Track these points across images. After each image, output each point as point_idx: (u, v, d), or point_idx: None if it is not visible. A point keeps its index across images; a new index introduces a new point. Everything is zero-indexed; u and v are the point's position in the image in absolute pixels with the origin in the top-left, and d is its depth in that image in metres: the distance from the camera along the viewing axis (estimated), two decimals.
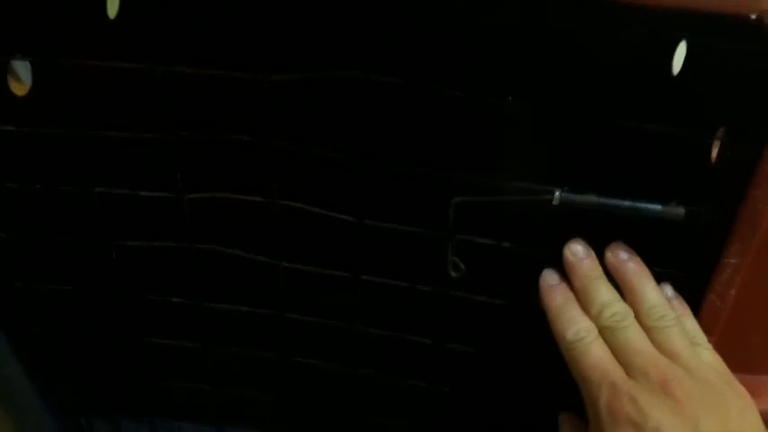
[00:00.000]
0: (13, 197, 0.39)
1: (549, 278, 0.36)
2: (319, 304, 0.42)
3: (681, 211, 0.33)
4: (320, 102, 0.34)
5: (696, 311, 0.35)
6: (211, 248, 0.40)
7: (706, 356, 0.33)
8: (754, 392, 0.33)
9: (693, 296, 0.35)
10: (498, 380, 0.42)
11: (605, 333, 0.33)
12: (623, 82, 0.30)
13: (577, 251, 0.35)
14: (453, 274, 0.37)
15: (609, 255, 0.35)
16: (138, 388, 0.50)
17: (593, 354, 0.33)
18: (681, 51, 0.29)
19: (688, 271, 0.35)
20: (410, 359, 0.42)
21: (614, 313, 0.33)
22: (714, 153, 0.32)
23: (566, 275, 0.35)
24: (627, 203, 0.33)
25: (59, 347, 0.47)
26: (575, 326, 0.34)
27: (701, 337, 0.34)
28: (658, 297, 0.34)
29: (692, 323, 0.35)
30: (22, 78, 0.36)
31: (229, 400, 0.49)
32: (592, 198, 0.33)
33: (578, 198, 0.33)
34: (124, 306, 0.43)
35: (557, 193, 0.33)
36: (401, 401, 0.45)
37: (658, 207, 0.33)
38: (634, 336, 0.33)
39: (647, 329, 0.33)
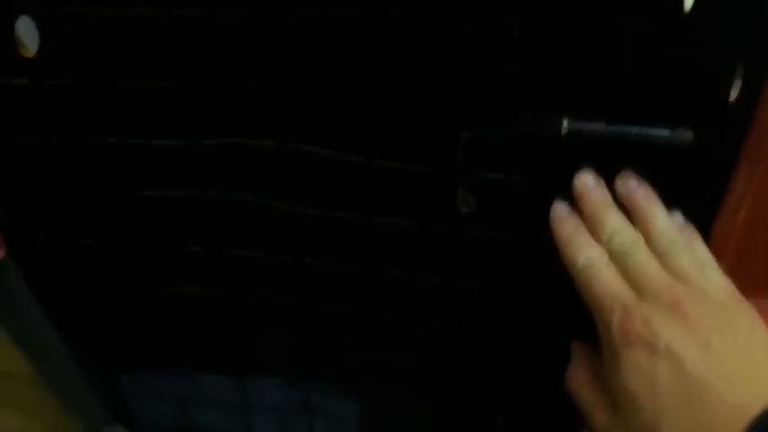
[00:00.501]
0: (30, 151, 0.40)
1: (559, 209, 0.36)
2: (334, 247, 0.42)
3: (689, 135, 0.33)
4: (325, 41, 0.34)
5: (706, 238, 0.36)
6: (226, 195, 0.41)
7: (715, 278, 0.33)
8: (764, 316, 0.33)
9: (703, 223, 0.36)
10: (512, 314, 0.42)
11: (616, 258, 0.34)
12: (635, 13, 0.30)
13: (587, 180, 0.35)
14: (463, 209, 0.37)
15: (618, 183, 0.35)
16: (161, 339, 0.51)
17: (605, 279, 0.33)
18: None
19: (697, 198, 0.35)
20: (424, 298, 0.43)
21: (625, 239, 0.34)
22: (724, 83, 0.32)
23: (576, 208, 0.36)
24: (635, 129, 0.33)
25: (83, 301, 0.48)
26: (585, 252, 0.34)
27: (710, 261, 0.34)
28: (668, 223, 0.34)
29: (701, 248, 0.35)
30: (26, 44, 0.36)
31: (249, 346, 0.50)
32: (600, 125, 0.33)
33: (586, 126, 0.33)
34: (143, 256, 0.44)
35: (565, 122, 0.33)
36: (416, 340, 0.46)
37: (666, 132, 0.33)
38: (645, 260, 0.33)
39: (657, 255, 0.34)
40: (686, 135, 0.33)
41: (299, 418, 0.54)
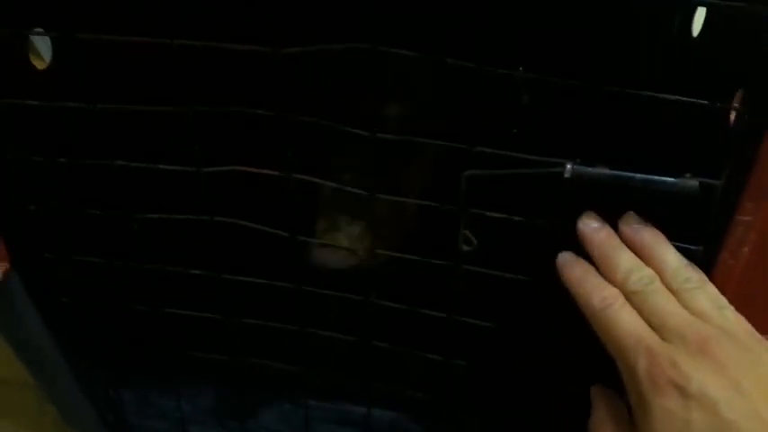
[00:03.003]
0: (39, 170, 0.40)
1: (566, 255, 0.35)
2: (335, 277, 0.42)
3: (695, 183, 0.32)
4: (332, 75, 0.34)
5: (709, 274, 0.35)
6: (229, 221, 0.41)
7: (733, 317, 0.32)
8: None
9: (709, 266, 0.35)
10: (513, 354, 0.42)
11: (633, 298, 0.33)
12: (641, 48, 0.30)
13: (592, 223, 0.35)
14: (464, 248, 0.37)
15: (623, 226, 0.34)
16: (163, 358, 0.51)
17: (624, 320, 0.32)
18: (700, 15, 0.29)
19: (704, 242, 0.35)
20: (425, 332, 0.43)
21: (641, 277, 0.33)
22: (732, 117, 0.31)
23: (581, 253, 0.35)
24: (639, 177, 0.33)
25: (86, 317, 0.49)
26: (600, 292, 0.33)
27: (722, 299, 0.33)
28: (680, 260, 0.34)
29: (711, 287, 0.34)
30: (42, 54, 0.37)
31: (250, 369, 0.50)
32: (603, 171, 0.33)
33: (590, 171, 0.33)
34: (147, 277, 0.45)
35: (568, 166, 0.33)
36: (418, 373, 0.45)
37: (671, 180, 0.32)
38: (664, 298, 0.32)
39: (673, 293, 0.33)
40: (692, 183, 0.32)
41: None
